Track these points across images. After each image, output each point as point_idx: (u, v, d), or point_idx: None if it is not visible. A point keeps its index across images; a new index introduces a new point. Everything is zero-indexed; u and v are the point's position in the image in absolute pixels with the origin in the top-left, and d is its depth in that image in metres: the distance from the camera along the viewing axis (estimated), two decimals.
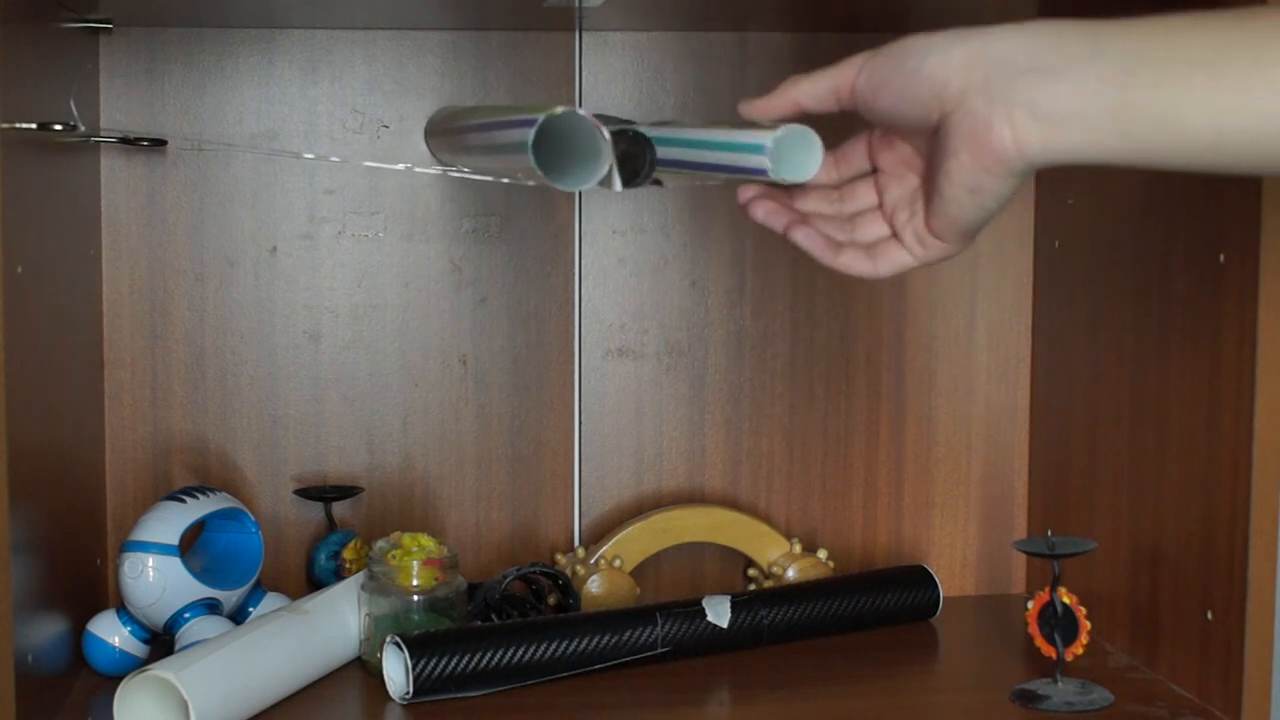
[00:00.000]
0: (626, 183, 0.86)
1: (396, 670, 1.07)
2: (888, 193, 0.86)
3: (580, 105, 1.27)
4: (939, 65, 0.76)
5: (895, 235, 0.85)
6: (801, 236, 0.85)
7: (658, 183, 0.88)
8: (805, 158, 0.84)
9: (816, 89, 0.83)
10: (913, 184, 0.85)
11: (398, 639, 1.06)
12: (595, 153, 0.84)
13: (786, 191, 0.88)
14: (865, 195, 0.87)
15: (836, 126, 0.88)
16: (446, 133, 1.05)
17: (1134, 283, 1.15)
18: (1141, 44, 0.72)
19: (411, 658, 1.05)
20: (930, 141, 0.80)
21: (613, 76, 1.28)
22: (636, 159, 0.86)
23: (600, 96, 1.28)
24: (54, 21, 1.07)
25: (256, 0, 1.12)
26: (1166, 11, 0.73)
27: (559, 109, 0.83)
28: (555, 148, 0.85)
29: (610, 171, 0.85)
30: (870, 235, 0.86)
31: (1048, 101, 0.73)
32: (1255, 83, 0.69)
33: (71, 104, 1.09)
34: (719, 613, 1.16)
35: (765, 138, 0.83)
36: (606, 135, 0.84)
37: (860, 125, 0.87)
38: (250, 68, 1.24)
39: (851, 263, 0.85)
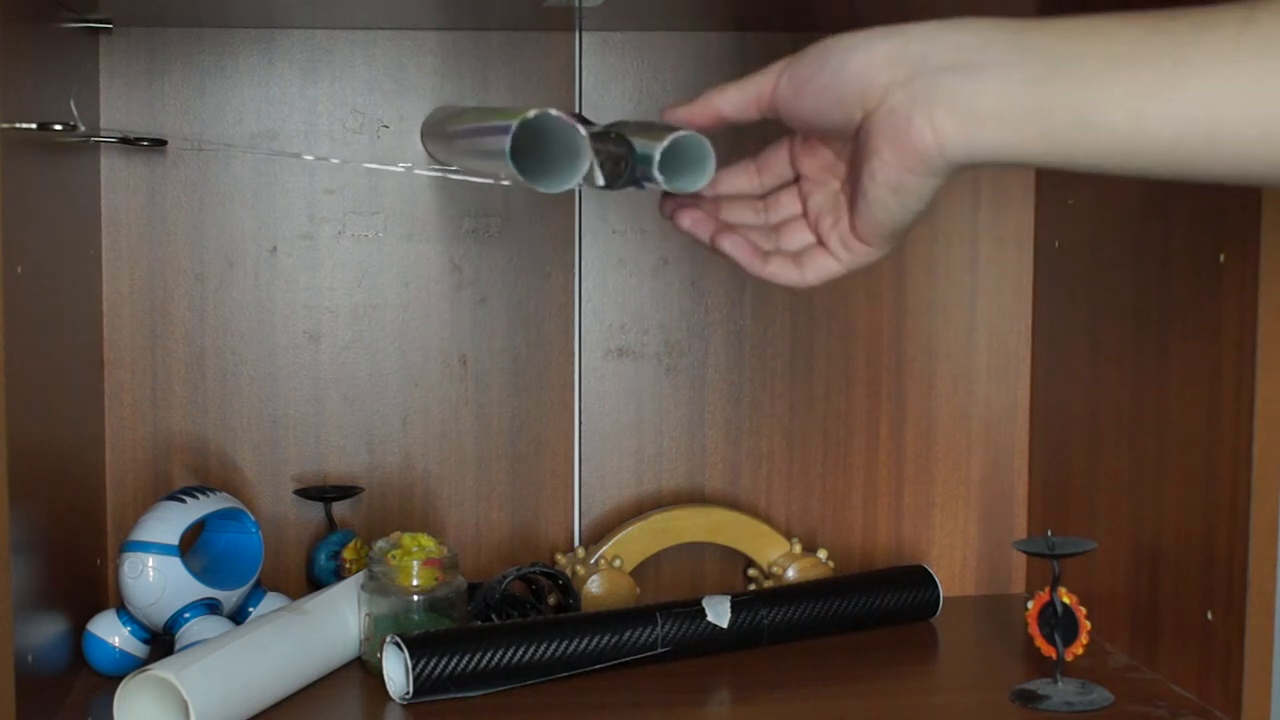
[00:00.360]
0: (610, 184, 0.86)
1: (396, 670, 1.07)
2: (811, 200, 0.85)
3: (580, 105, 1.27)
4: (862, 63, 0.75)
5: (821, 242, 0.84)
6: (729, 245, 0.84)
7: (639, 185, 0.88)
8: (696, 167, 0.84)
9: (738, 98, 0.82)
10: (835, 189, 0.84)
11: (398, 639, 1.06)
12: (575, 152, 0.84)
13: (712, 201, 0.88)
14: (789, 204, 0.86)
15: (756, 134, 0.87)
16: (439, 136, 1.05)
17: (1134, 283, 1.15)
18: (1064, 44, 0.71)
19: (411, 658, 1.05)
20: (852, 143, 0.79)
21: (613, 76, 1.28)
22: (620, 160, 0.85)
23: (600, 96, 1.28)
24: (54, 21, 1.07)
25: (256, 0, 1.12)
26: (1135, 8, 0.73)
27: (531, 112, 0.83)
28: (537, 150, 0.85)
29: (591, 169, 0.85)
30: (796, 243, 0.85)
31: (968, 100, 0.72)
32: (1176, 85, 0.69)
33: (71, 104, 1.09)
34: (719, 613, 1.16)
35: (654, 148, 0.83)
36: (583, 132, 0.84)
37: (783, 133, 0.87)
38: (250, 68, 1.24)
39: (779, 271, 0.84)
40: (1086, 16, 0.73)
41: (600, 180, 0.85)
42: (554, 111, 0.83)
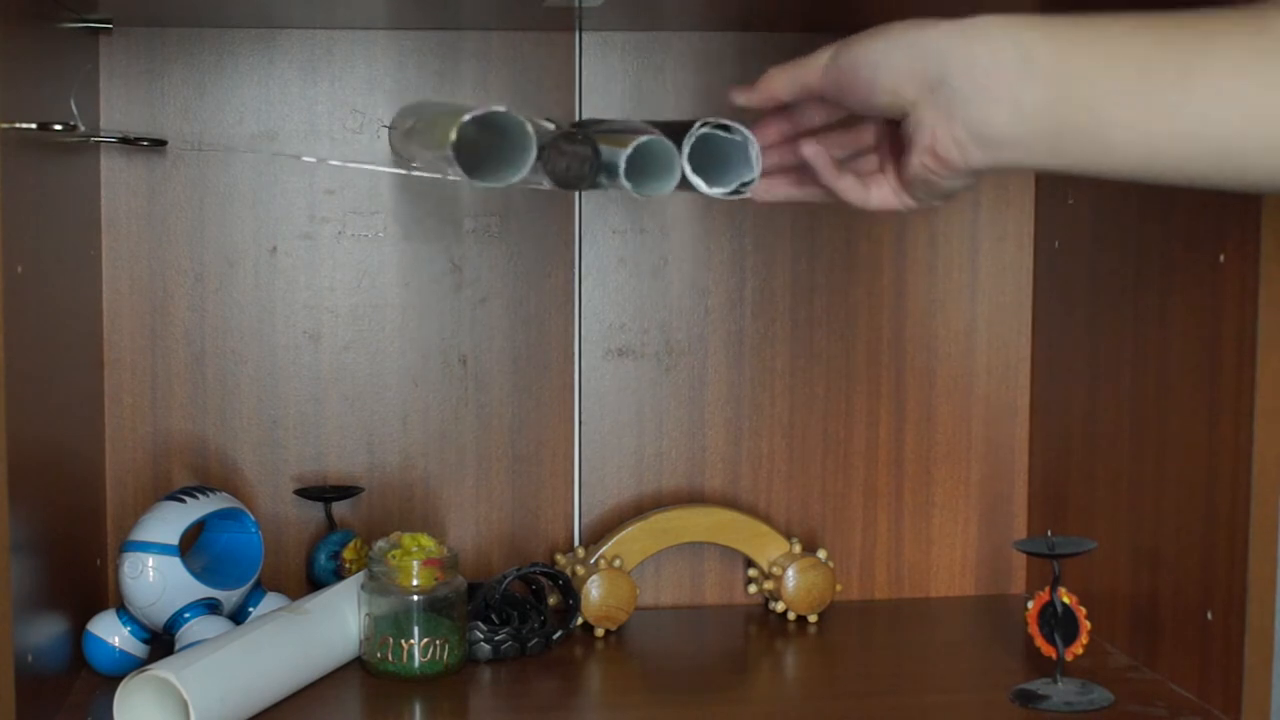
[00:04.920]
0: (563, 183, 0.86)
1: None
2: (877, 135, 0.90)
3: (580, 105, 1.27)
4: (889, 78, 0.81)
5: (882, 172, 0.89)
6: (811, 152, 0.88)
7: (599, 186, 0.89)
8: (663, 173, 0.85)
9: (789, 86, 0.88)
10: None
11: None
12: (523, 148, 0.85)
13: (791, 116, 0.91)
14: (864, 133, 0.91)
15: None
16: (402, 133, 1.05)
17: (1134, 283, 1.15)
18: (1072, 61, 0.76)
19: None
20: (901, 123, 0.84)
21: (613, 76, 1.28)
22: (586, 161, 0.86)
23: (600, 96, 1.28)
24: (54, 21, 1.07)
25: (256, 0, 1.12)
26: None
27: (480, 110, 0.83)
28: (493, 147, 0.86)
29: (538, 167, 0.85)
30: (865, 168, 0.90)
31: (986, 129, 0.78)
32: (1181, 105, 0.73)
33: (71, 104, 1.09)
34: None
35: (619, 155, 0.84)
36: (530, 129, 0.84)
37: None
38: (250, 68, 1.24)
39: (849, 188, 0.88)
40: (1095, 22, 0.76)
41: (546, 183, 0.86)
42: (497, 107, 0.84)
